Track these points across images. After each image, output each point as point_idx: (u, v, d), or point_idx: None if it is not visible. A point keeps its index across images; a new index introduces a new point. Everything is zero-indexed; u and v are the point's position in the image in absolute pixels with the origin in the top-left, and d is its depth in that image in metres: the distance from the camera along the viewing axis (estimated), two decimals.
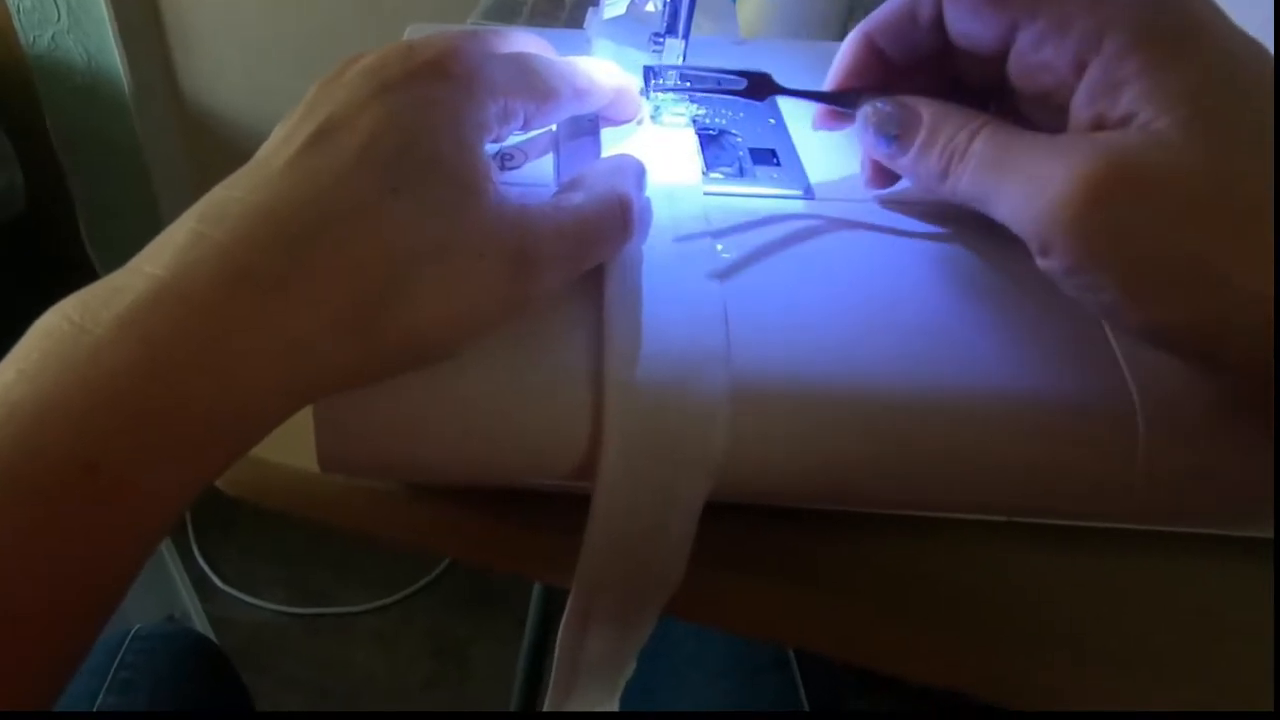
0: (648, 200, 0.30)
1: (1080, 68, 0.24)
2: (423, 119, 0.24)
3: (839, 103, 0.31)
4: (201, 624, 1.17)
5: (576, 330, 0.27)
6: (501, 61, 0.27)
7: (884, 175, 0.32)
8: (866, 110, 0.30)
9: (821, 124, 0.33)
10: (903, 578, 0.30)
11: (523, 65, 0.28)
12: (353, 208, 0.23)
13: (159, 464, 0.21)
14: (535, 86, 0.28)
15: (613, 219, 0.27)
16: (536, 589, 0.83)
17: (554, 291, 0.26)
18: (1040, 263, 0.25)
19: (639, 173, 0.30)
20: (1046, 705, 0.29)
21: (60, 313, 0.21)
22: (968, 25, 0.27)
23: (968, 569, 0.30)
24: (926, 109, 0.28)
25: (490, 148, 0.33)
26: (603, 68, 0.32)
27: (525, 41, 0.31)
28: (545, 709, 0.30)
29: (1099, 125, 0.24)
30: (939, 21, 0.28)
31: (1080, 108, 0.25)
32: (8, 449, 0.19)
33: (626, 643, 0.29)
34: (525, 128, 0.29)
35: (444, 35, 0.27)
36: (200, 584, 1.27)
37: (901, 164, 0.29)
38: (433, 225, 0.24)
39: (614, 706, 0.31)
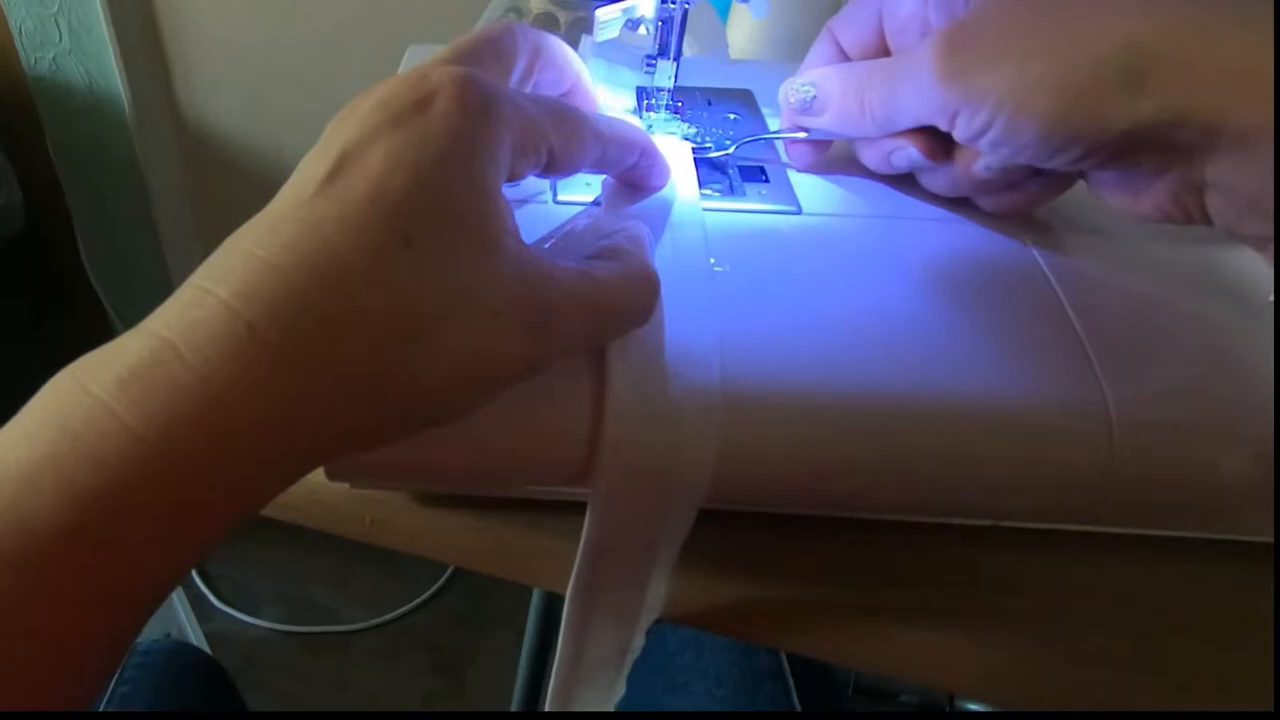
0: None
1: None
2: (434, 156, 0.23)
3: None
4: (199, 642, 1.17)
5: None
6: (521, 94, 0.25)
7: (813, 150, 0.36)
8: (784, 89, 0.35)
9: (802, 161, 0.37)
10: (892, 579, 0.30)
11: (545, 102, 0.26)
12: (364, 261, 0.21)
13: (153, 530, 0.19)
14: (559, 124, 0.26)
15: (638, 300, 0.27)
16: (535, 606, 0.84)
17: (566, 359, 0.26)
18: (955, 134, 0.29)
19: (651, 242, 0.30)
20: (1040, 706, 0.30)
21: (67, 374, 0.21)
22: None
23: (960, 570, 0.31)
24: (830, 68, 0.34)
25: None
26: (627, 123, 0.31)
27: (536, 35, 0.29)
28: (547, 707, 0.31)
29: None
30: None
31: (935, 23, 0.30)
32: (0, 512, 0.18)
33: (625, 639, 0.29)
34: (551, 170, 0.27)
35: (459, 51, 0.26)
36: (198, 602, 1.27)
37: (824, 120, 0.34)
38: (449, 280, 0.22)
39: (612, 705, 0.31)
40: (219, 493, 0.20)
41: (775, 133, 0.37)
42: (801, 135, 0.36)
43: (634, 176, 0.32)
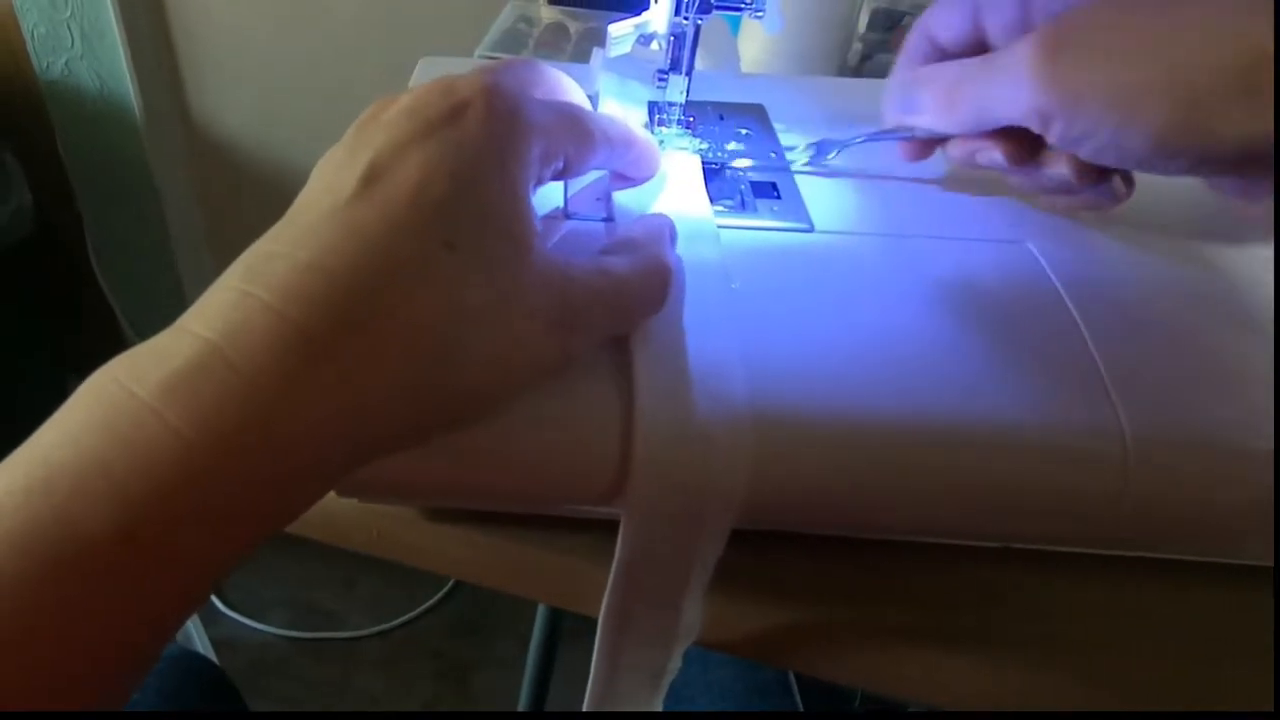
0: (679, 259, 0.30)
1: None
2: (469, 162, 0.23)
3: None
4: (204, 647, 1.17)
5: (600, 358, 0.27)
6: (541, 103, 0.26)
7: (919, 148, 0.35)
8: (891, 84, 0.34)
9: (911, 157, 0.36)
10: (906, 601, 0.30)
11: (561, 109, 0.27)
12: (410, 262, 0.22)
13: (199, 534, 0.20)
14: (575, 130, 0.27)
15: (652, 290, 0.27)
16: (540, 614, 0.83)
17: (586, 353, 0.26)
18: (1051, 139, 0.28)
19: (672, 234, 0.31)
20: None
21: (109, 374, 0.21)
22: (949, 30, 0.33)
23: (973, 593, 0.31)
24: (926, 68, 0.33)
25: None
26: (622, 120, 0.32)
27: (552, 74, 0.30)
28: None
29: None
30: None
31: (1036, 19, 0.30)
32: (47, 517, 0.18)
33: (661, 661, 0.29)
34: (563, 174, 0.28)
35: (481, 70, 0.26)
36: (203, 608, 1.27)
37: (924, 120, 0.33)
38: (488, 282, 0.23)
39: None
40: (267, 496, 0.21)
41: (883, 132, 0.36)
42: (906, 134, 0.35)
43: (626, 168, 0.33)
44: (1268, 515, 0.27)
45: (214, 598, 1.29)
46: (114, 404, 0.20)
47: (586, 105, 0.32)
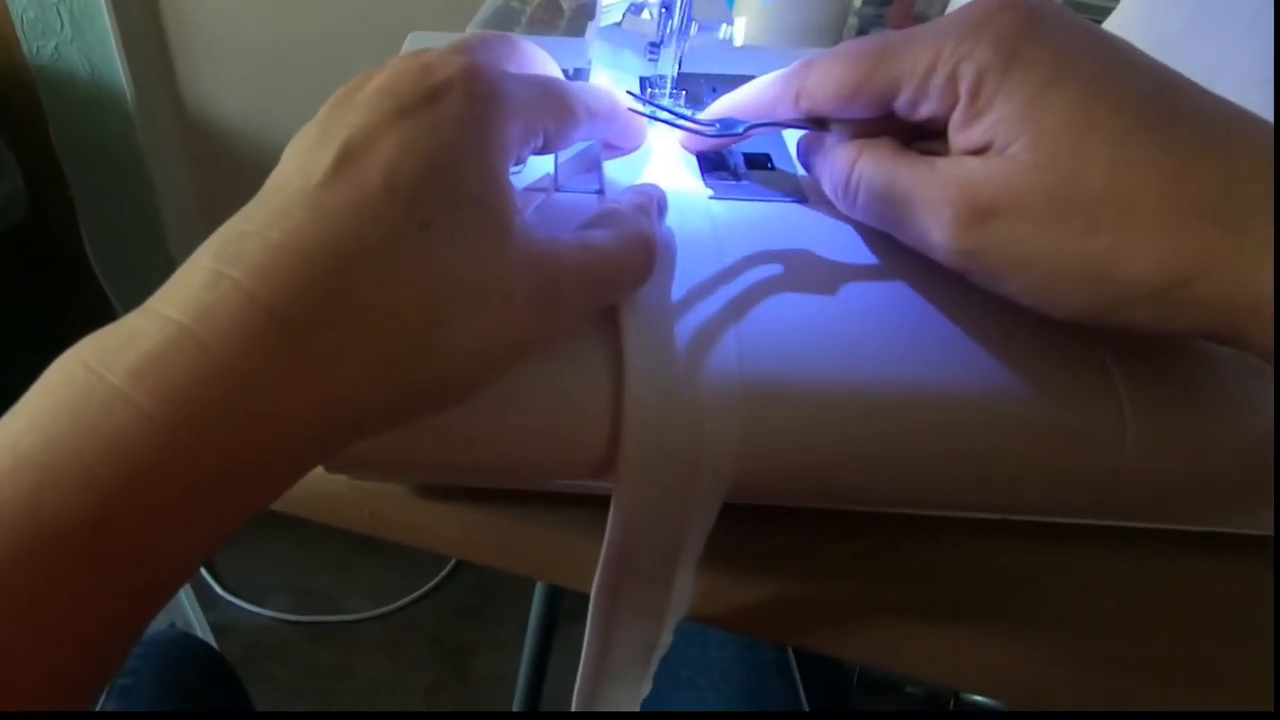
0: (669, 230, 0.30)
1: (951, 108, 0.27)
2: (445, 144, 0.23)
3: (811, 127, 0.32)
4: (203, 632, 1.17)
5: (588, 331, 0.27)
6: (520, 80, 0.26)
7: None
8: (799, 140, 0.33)
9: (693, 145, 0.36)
10: (902, 575, 0.30)
11: (541, 84, 0.27)
12: (383, 244, 0.21)
13: (173, 521, 0.19)
14: (555, 106, 0.27)
15: (636, 263, 0.27)
16: (539, 597, 0.83)
17: (570, 330, 0.26)
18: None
19: (662, 204, 0.30)
20: (1045, 706, 0.30)
21: (76, 357, 0.20)
22: (845, 116, 0.30)
23: (968, 567, 0.30)
24: (831, 138, 0.31)
25: None
26: (607, 91, 0.32)
27: (527, 48, 0.30)
28: (573, 706, 0.31)
29: (971, 151, 0.26)
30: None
31: (953, 138, 0.27)
32: (16, 506, 0.18)
33: (652, 636, 0.29)
34: (544, 150, 0.28)
35: (458, 48, 0.26)
36: (201, 592, 1.28)
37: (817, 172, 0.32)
38: (465, 263, 0.23)
39: (638, 702, 0.31)
40: (241, 479, 0.20)
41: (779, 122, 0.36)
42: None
43: (612, 138, 0.33)
44: (1266, 484, 0.27)
45: (212, 582, 1.30)
46: (83, 388, 0.19)
47: (560, 78, 0.31)
